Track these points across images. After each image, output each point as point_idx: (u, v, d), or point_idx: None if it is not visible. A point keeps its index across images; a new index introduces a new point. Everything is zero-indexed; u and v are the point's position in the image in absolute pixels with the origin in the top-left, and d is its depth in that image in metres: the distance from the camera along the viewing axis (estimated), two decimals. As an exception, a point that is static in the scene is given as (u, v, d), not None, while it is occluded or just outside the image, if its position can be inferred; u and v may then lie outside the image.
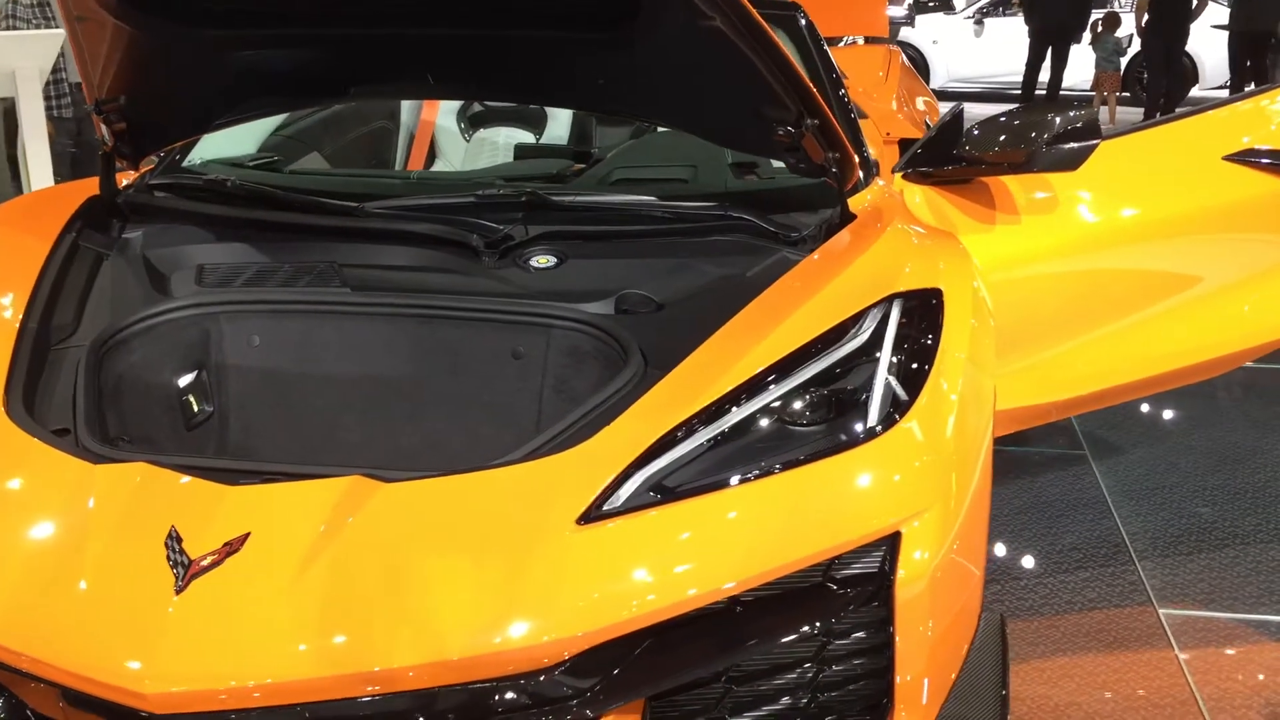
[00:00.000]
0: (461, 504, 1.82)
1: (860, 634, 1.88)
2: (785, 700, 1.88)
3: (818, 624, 1.83)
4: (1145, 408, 4.26)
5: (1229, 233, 3.33)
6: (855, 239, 2.47)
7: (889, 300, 2.15)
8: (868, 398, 1.97)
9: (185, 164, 3.08)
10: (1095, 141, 2.91)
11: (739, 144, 2.68)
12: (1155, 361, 3.34)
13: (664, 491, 1.83)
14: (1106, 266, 3.25)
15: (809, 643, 1.86)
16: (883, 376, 2.01)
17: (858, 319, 2.11)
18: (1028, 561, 3.19)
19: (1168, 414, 4.22)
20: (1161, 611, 2.92)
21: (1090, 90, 12.24)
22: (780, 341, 2.08)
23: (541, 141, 3.82)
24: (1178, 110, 4.85)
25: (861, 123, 4.01)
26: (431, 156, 4.01)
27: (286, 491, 1.83)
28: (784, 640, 1.83)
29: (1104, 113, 11.76)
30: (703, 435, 1.92)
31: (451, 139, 3.99)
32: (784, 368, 2.02)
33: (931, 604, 1.89)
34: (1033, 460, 3.84)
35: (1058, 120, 2.89)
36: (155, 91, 2.66)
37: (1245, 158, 3.26)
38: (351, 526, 1.75)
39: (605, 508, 1.80)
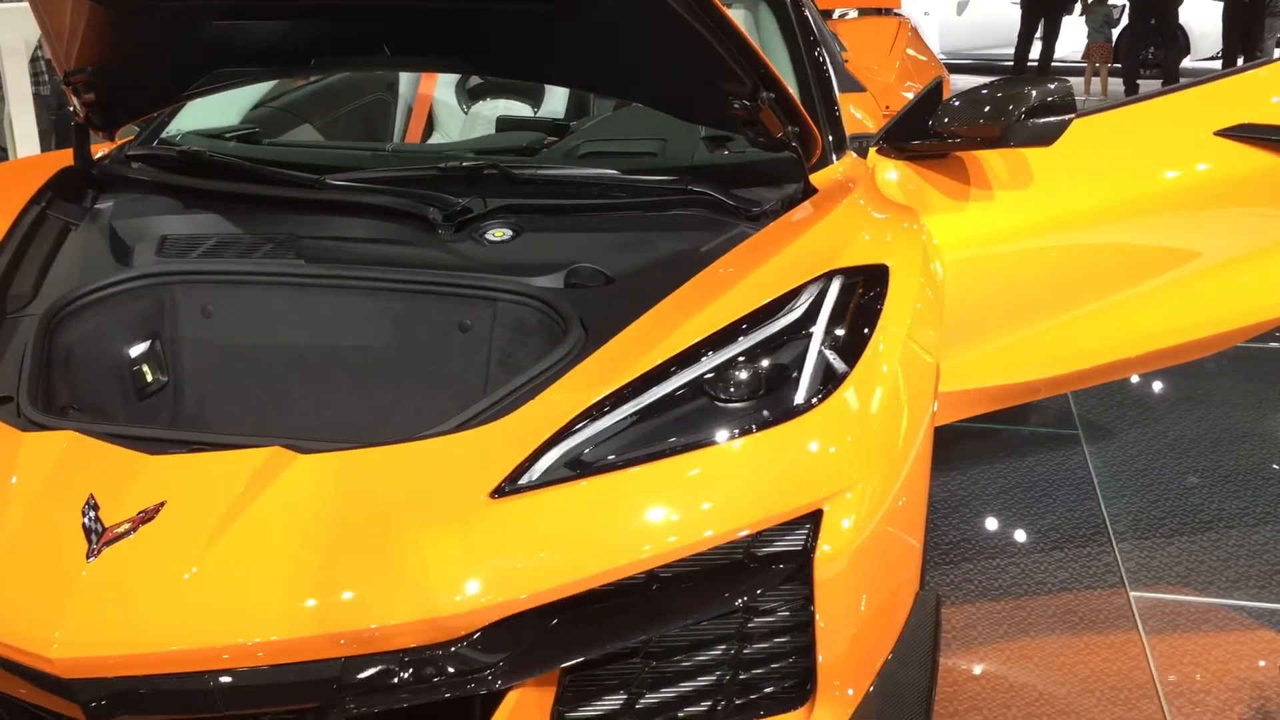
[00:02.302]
0: (377, 476, 1.83)
1: (784, 612, 1.87)
2: (705, 677, 1.88)
3: (737, 601, 1.82)
4: (1143, 388, 4.21)
5: (1221, 209, 3.26)
6: (809, 214, 2.45)
7: (828, 276, 2.13)
8: (797, 374, 1.96)
9: (164, 135, 3.11)
10: (1070, 116, 2.86)
11: (697, 117, 2.65)
12: (1144, 340, 3.28)
13: (581, 466, 1.83)
14: (1091, 242, 3.20)
15: (729, 620, 1.85)
16: (814, 353, 1.99)
17: (794, 294, 2.09)
18: (1003, 541, 3.15)
19: (1166, 395, 4.16)
20: (1133, 594, 2.88)
21: (1082, 61, 12.14)
22: (715, 316, 2.06)
23: (539, 114, 3.81)
24: (1166, 86, 4.75)
25: (859, 96, 3.98)
26: (429, 129, 4.01)
27: (205, 462, 1.85)
28: (702, 616, 1.82)
29: (1095, 84, 11.66)
30: (627, 409, 1.91)
31: (450, 112, 3.99)
32: (715, 342, 2.00)
33: (855, 583, 1.88)
34: (1023, 439, 3.80)
35: (1033, 94, 2.83)
36: (122, 62, 2.68)
37: (1239, 133, 3.19)
38: (265, 497, 1.77)
39: (520, 481, 1.80)
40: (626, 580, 1.77)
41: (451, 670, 1.70)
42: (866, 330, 2.05)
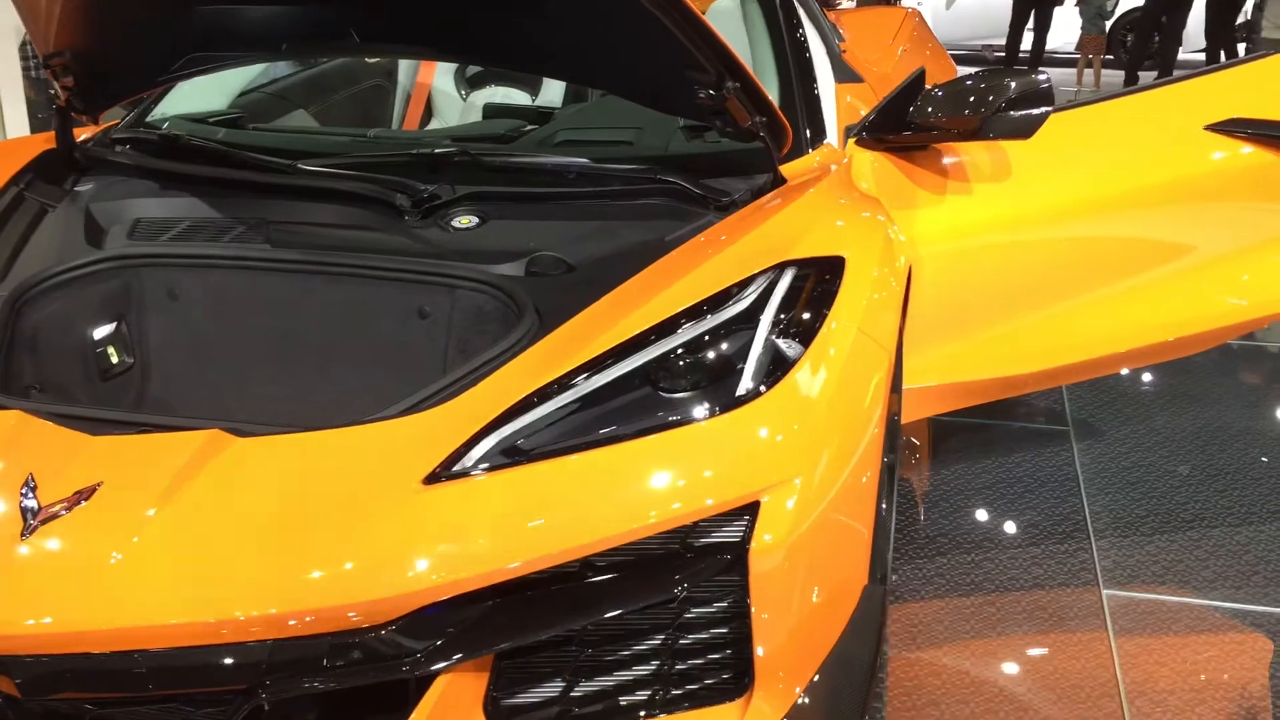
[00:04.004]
0: (313, 460, 1.84)
1: (721, 604, 1.86)
2: (642, 666, 1.88)
3: (672, 592, 1.82)
4: (1136, 385, 4.17)
5: (1210, 204, 3.23)
6: (772, 205, 2.43)
7: (780, 267, 2.12)
8: (741, 365, 1.95)
9: (149, 119, 3.13)
10: (1048, 109, 2.83)
11: (664, 106, 2.64)
12: (1130, 335, 3.26)
13: (517, 454, 1.83)
14: (1076, 236, 3.17)
15: (666, 610, 1.85)
16: (759, 344, 1.98)
17: (743, 285, 2.08)
18: (981, 536, 3.13)
19: (1159, 392, 4.12)
20: (1106, 592, 2.86)
21: (1075, 53, 12.04)
22: (664, 305, 2.06)
23: (536, 103, 3.81)
24: (1153, 80, 4.70)
25: (856, 87, 3.95)
26: (428, 117, 4.02)
27: (143, 443, 1.86)
28: (636, 606, 1.82)
29: (1089, 76, 11.57)
30: (568, 397, 1.91)
31: (448, 100, 3.99)
32: (661, 331, 2.00)
33: (794, 576, 1.87)
34: (1012, 435, 3.77)
35: (1012, 86, 2.81)
36: (100, 46, 2.70)
37: (1230, 128, 3.15)
38: (199, 479, 1.78)
39: (454, 468, 1.81)
40: (559, 568, 1.77)
41: (378, 654, 1.70)
42: (815, 322, 2.04)
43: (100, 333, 2.39)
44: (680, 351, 1.97)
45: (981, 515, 3.26)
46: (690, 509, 1.80)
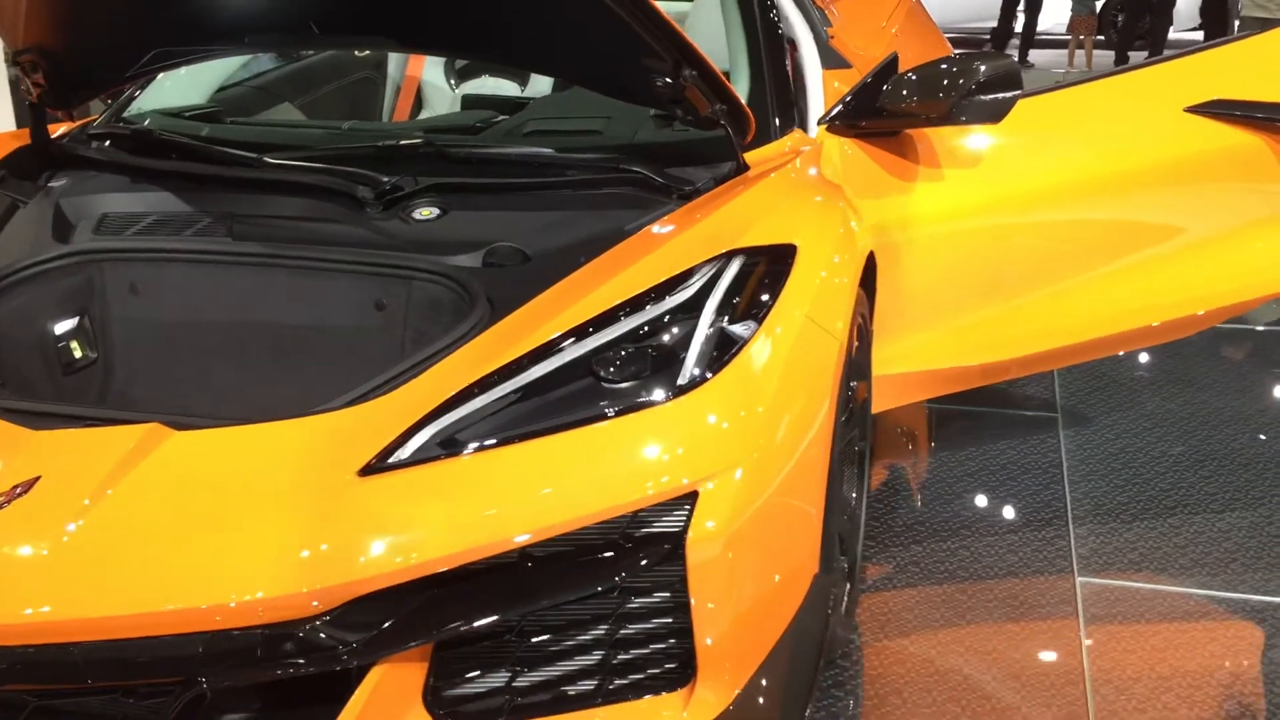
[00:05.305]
0: (251, 453, 1.85)
1: (662, 594, 1.86)
2: (584, 656, 1.88)
3: (611, 581, 1.82)
4: (1127, 371, 4.13)
5: (1192, 186, 3.20)
6: (728, 193, 2.43)
7: (726, 256, 2.11)
8: (683, 354, 1.95)
9: (125, 114, 3.15)
10: (1016, 93, 2.81)
11: (625, 95, 2.63)
12: (1112, 320, 3.24)
13: (454, 445, 1.83)
14: (1054, 220, 3.15)
15: (607, 600, 1.85)
16: (701, 333, 1.97)
17: (688, 274, 2.07)
18: (959, 524, 3.12)
19: (1149, 377, 4.08)
20: (1080, 580, 2.84)
21: (1066, 34, 11.96)
22: (611, 294, 2.07)
23: (526, 93, 3.81)
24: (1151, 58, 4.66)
25: (844, 73, 3.92)
26: (418, 109, 4.02)
27: (82, 437, 1.88)
28: (574, 596, 1.83)
29: (1080, 57, 11.46)
30: (509, 387, 1.92)
31: (438, 92, 4.00)
32: (604, 321, 2.00)
33: (734, 566, 1.86)
34: (1000, 422, 3.75)
35: (981, 70, 2.79)
36: (67, 42, 2.71)
37: (1210, 109, 3.12)
38: (136, 473, 1.79)
39: (390, 460, 1.81)
40: (497, 559, 1.77)
41: (312, 645, 1.72)
42: (761, 310, 2.03)
43: (62, 327, 2.41)
44: (622, 341, 1.96)
45: (962, 502, 3.24)
46: (627, 499, 1.80)
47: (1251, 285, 3.26)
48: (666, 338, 1.98)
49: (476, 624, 1.79)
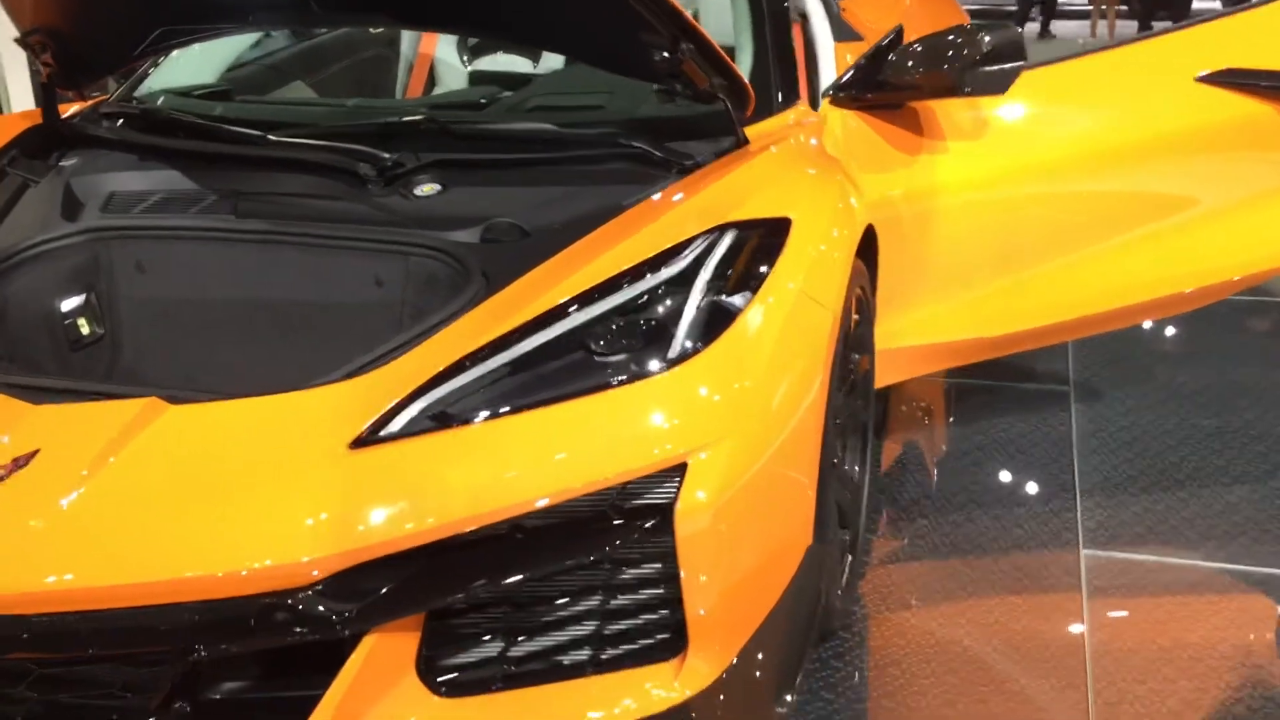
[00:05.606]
0: (246, 426, 1.88)
1: (653, 565, 1.87)
2: (576, 627, 1.90)
3: (600, 552, 1.84)
4: (1143, 343, 4.11)
5: (1203, 156, 3.17)
6: (726, 166, 2.43)
7: (721, 229, 2.12)
8: (674, 328, 1.96)
9: (137, 93, 3.18)
10: (1020, 64, 2.79)
11: (622, 70, 2.63)
12: (1122, 292, 3.22)
13: (445, 418, 1.85)
14: (1064, 192, 3.14)
15: (597, 571, 1.87)
16: (693, 306, 1.99)
17: (682, 247, 2.08)
18: (965, 498, 3.11)
19: (1164, 349, 4.06)
20: (1085, 553, 2.83)
21: (1088, 4, 11.83)
22: (604, 268, 2.08)
23: (538, 69, 3.81)
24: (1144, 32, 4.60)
25: (856, 45, 3.90)
26: (431, 86, 4.04)
27: (81, 411, 1.91)
28: (564, 567, 1.84)
29: (1102, 27, 11.31)
30: (500, 361, 1.93)
31: (451, 69, 4.01)
32: (597, 294, 2.01)
33: (724, 538, 1.87)
34: (1011, 395, 3.74)
35: (985, 41, 2.77)
36: (74, 22, 2.74)
37: (1222, 79, 3.09)
38: (133, 446, 1.82)
39: (382, 433, 1.84)
40: (487, 530, 1.79)
41: (304, 615, 1.74)
42: (754, 283, 2.04)
43: (69, 305, 2.45)
44: (615, 315, 1.98)
45: (970, 475, 3.24)
46: (616, 471, 1.82)
47: (1266, 256, 3.23)
48: (658, 311, 1.99)
49: (467, 594, 1.81)
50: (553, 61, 3.78)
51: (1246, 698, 2.33)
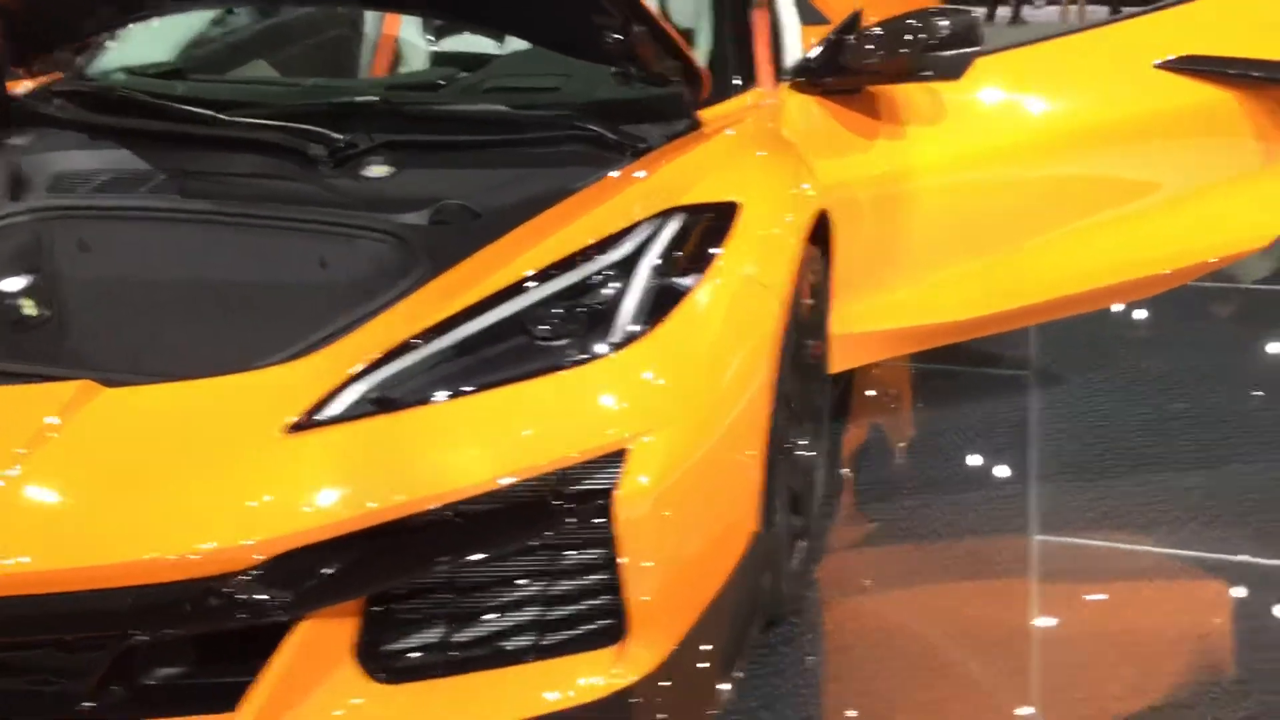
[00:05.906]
0: (181, 409, 1.86)
1: (594, 551, 1.87)
2: (517, 612, 1.89)
3: (540, 537, 1.83)
4: (1106, 329, 4.11)
5: (1161, 143, 3.18)
6: (677, 150, 2.42)
7: (666, 214, 2.11)
8: (616, 312, 1.95)
9: (89, 71, 3.14)
10: (976, 49, 2.79)
11: (575, 51, 2.62)
12: (1079, 278, 3.23)
13: (384, 402, 1.84)
14: (1020, 178, 3.14)
15: (538, 556, 1.86)
16: (637, 290, 1.98)
17: (627, 231, 2.07)
18: (920, 484, 3.12)
19: (1127, 334, 4.08)
20: (1036, 539, 2.84)
21: None
22: (549, 251, 2.07)
23: (505, 50, 3.78)
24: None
25: (822, 29, 3.89)
26: (395, 66, 4.00)
27: (15, 394, 1.89)
28: (503, 552, 1.83)
29: (1073, 11, 11.27)
30: (440, 344, 1.92)
31: (415, 50, 3.97)
32: (540, 278, 2.00)
33: (665, 524, 1.87)
34: (971, 380, 3.74)
35: (942, 26, 2.76)
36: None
37: (1180, 65, 3.09)
38: (67, 429, 1.81)
39: (319, 416, 1.82)
40: (425, 515, 1.78)
41: (242, 599, 1.73)
42: (697, 268, 2.04)
43: (11, 285, 2.42)
44: (557, 298, 1.97)
45: (926, 461, 3.24)
46: (555, 457, 1.81)
47: (1225, 242, 3.25)
48: (601, 294, 1.98)
49: (407, 578, 1.80)
50: (517, 43, 3.75)
51: (1192, 683, 2.35)
